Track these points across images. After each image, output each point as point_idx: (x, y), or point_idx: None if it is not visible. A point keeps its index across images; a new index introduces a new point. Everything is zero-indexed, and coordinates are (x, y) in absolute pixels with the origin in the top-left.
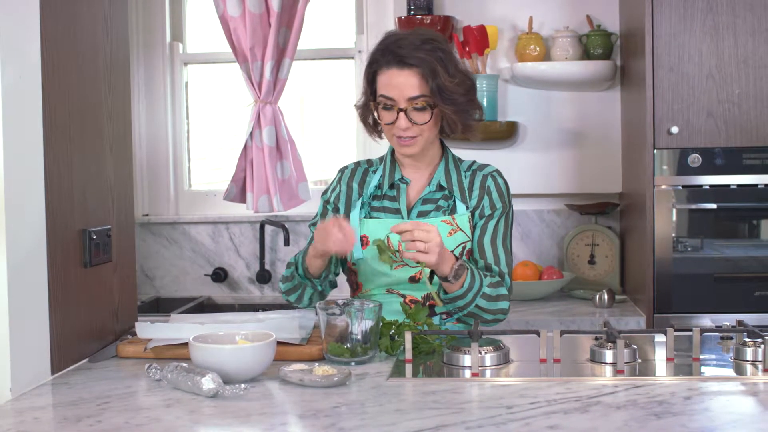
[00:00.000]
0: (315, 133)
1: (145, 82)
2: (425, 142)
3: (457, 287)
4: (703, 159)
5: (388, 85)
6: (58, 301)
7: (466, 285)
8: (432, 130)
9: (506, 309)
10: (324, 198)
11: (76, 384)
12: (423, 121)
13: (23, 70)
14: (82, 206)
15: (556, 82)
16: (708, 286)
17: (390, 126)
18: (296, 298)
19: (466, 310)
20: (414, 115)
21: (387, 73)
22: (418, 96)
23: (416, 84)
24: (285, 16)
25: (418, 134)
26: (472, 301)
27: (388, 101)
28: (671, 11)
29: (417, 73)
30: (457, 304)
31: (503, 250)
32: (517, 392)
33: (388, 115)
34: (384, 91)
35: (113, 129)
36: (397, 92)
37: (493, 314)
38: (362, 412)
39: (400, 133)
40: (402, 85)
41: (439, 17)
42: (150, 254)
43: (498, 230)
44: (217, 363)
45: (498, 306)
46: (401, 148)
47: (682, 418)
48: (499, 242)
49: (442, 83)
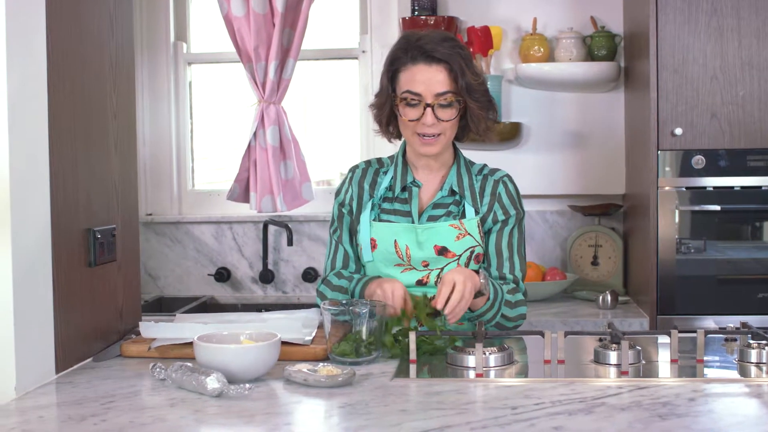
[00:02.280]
0: (318, 134)
1: (149, 82)
2: (447, 142)
3: (483, 302)
4: (706, 160)
5: (413, 80)
6: (63, 301)
7: (491, 297)
8: (453, 130)
9: (525, 314)
10: (338, 200)
11: (80, 383)
12: (449, 118)
13: (29, 70)
14: (86, 206)
15: (559, 83)
16: (711, 287)
17: (413, 123)
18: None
19: (493, 321)
20: (440, 112)
21: (412, 69)
22: (446, 92)
23: (444, 79)
24: (289, 16)
25: (441, 132)
26: (498, 310)
27: (414, 97)
28: (675, 13)
29: (445, 68)
30: (485, 318)
31: (518, 257)
32: (521, 393)
33: (413, 111)
34: (409, 87)
35: (118, 129)
36: (424, 87)
37: (514, 321)
38: (366, 412)
39: (424, 130)
40: (429, 81)
41: (443, 18)
42: (153, 254)
43: (513, 236)
44: (221, 363)
45: (518, 312)
46: (423, 147)
47: (686, 419)
48: (515, 249)
49: (469, 80)
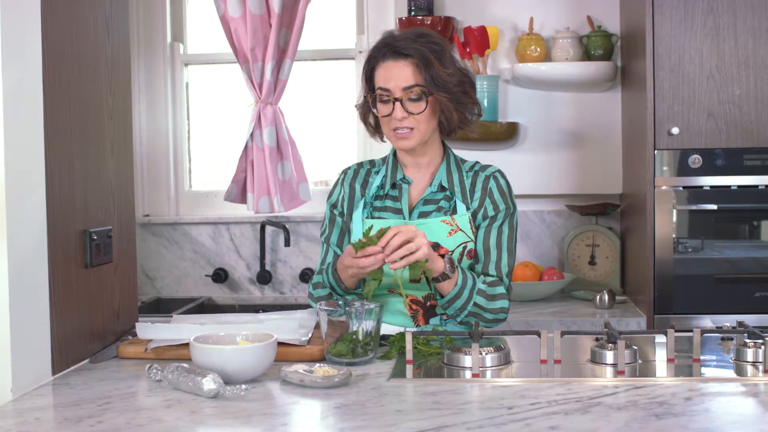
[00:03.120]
0: (315, 134)
1: (145, 83)
2: (422, 136)
3: (451, 286)
4: (703, 160)
5: (384, 77)
6: (59, 302)
7: (459, 281)
8: (428, 123)
9: (506, 308)
10: (330, 203)
11: (77, 384)
12: (418, 111)
13: (25, 71)
14: (83, 207)
15: (556, 82)
16: (708, 287)
17: (387, 119)
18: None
19: (465, 310)
20: (409, 105)
21: (383, 66)
22: (413, 85)
23: (410, 74)
24: (286, 16)
25: (415, 126)
26: (469, 298)
27: (384, 93)
28: (672, 12)
29: (411, 63)
30: (456, 306)
31: (506, 253)
32: (517, 393)
33: (385, 107)
34: (380, 83)
35: (114, 130)
36: (392, 83)
37: (493, 313)
38: (363, 412)
39: (396, 124)
40: (397, 76)
41: (440, 18)
42: (150, 255)
43: (502, 232)
44: (218, 363)
45: (497, 305)
46: (398, 141)
47: (682, 419)
48: (504, 245)
49: (436, 73)
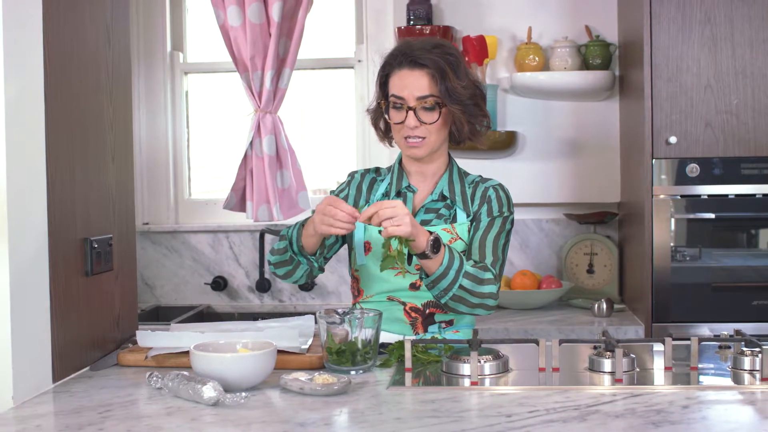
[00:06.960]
0: (315, 143)
1: (145, 92)
2: (432, 146)
3: (436, 264)
4: (701, 169)
5: (399, 85)
6: (60, 310)
7: (446, 260)
8: (439, 133)
9: (494, 294)
10: (333, 194)
11: (77, 392)
12: (431, 121)
13: (26, 80)
14: (83, 215)
15: (555, 91)
16: (706, 295)
17: (399, 126)
18: (286, 273)
19: (451, 291)
20: (423, 115)
21: (399, 74)
22: (427, 95)
23: (426, 84)
24: (285, 26)
25: (426, 135)
26: (455, 280)
27: (398, 100)
28: (670, 22)
29: (427, 73)
30: (441, 286)
31: (492, 245)
32: (516, 401)
33: (398, 114)
34: (395, 91)
35: (114, 138)
36: (407, 92)
37: (480, 297)
38: (362, 420)
39: (408, 132)
40: (412, 85)
41: (439, 27)
42: (150, 263)
43: (492, 228)
44: (218, 371)
45: (485, 289)
46: (409, 149)
47: (680, 426)
48: (490, 238)
49: (451, 85)
